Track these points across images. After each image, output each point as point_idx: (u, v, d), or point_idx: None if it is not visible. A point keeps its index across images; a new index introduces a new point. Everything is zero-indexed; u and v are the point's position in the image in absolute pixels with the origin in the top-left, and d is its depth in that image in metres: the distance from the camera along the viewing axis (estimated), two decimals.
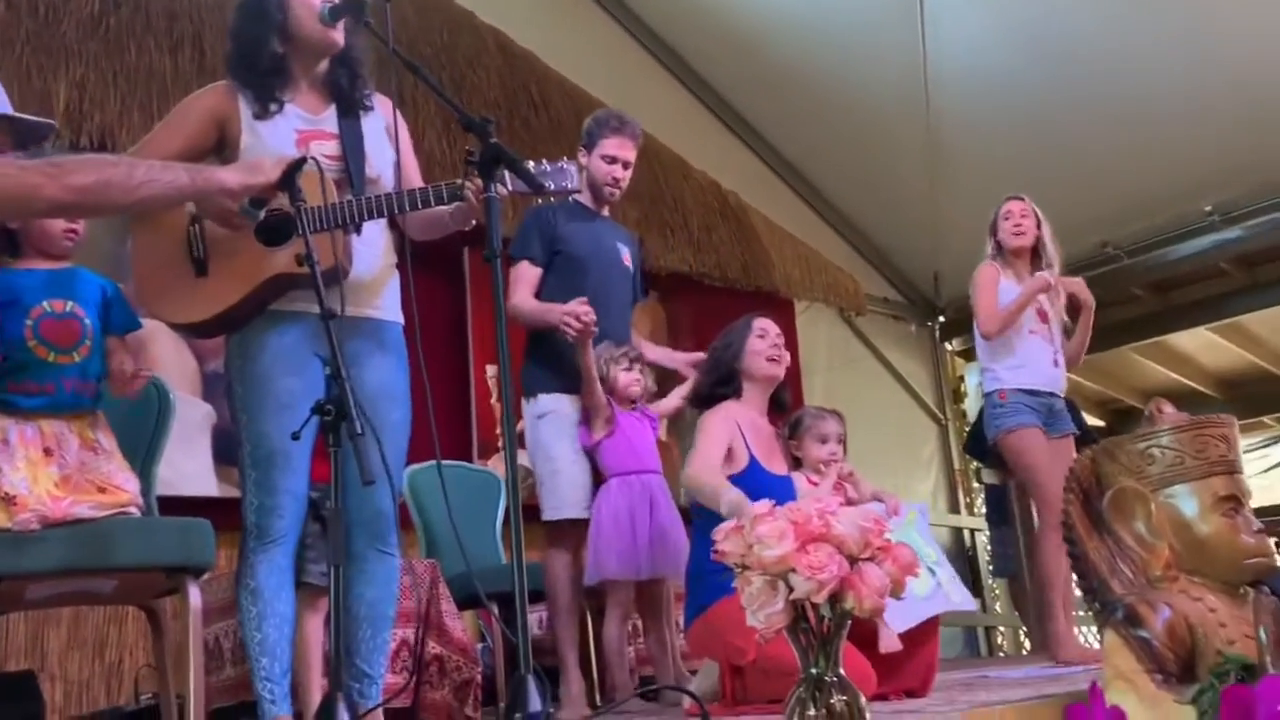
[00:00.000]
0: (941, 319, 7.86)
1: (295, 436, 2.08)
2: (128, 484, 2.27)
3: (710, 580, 2.65)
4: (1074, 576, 1.87)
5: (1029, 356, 3.98)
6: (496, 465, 4.99)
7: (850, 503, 2.89)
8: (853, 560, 1.79)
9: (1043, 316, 4.04)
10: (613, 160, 3.39)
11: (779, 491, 2.73)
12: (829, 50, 6.09)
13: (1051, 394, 4.02)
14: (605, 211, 3.50)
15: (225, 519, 2.50)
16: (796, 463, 3.08)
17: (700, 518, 2.83)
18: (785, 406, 3.11)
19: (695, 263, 6.03)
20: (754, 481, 2.77)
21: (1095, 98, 5.79)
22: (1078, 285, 4.13)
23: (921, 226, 6.82)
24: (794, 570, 1.75)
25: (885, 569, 1.82)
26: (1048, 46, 5.64)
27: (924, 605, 2.67)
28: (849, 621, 1.84)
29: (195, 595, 2.24)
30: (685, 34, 6.61)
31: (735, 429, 2.85)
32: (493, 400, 5.24)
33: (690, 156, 6.41)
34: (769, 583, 1.80)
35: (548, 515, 3.26)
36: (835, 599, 1.77)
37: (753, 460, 2.84)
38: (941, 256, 7.18)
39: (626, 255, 3.48)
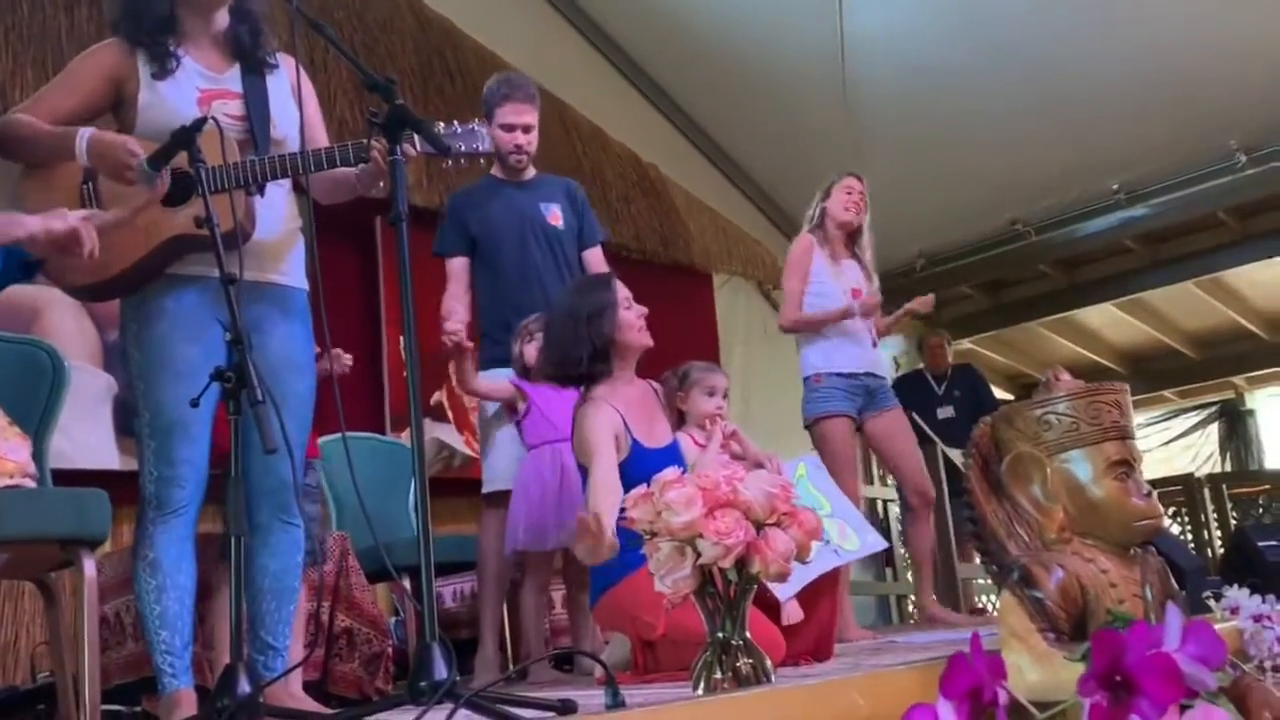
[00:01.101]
0: None
1: (194, 404, 2.02)
2: (13, 454, 2.18)
3: (615, 559, 2.65)
4: (975, 540, 1.91)
5: (844, 339, 4.02)
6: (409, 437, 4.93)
7: (736, 460, 2.90)
8: (759, 525, 1.82)
9: (855, 295, 4.04)
10: (511, 128, 3.33)
11: (665, 464, 2.66)
12: (748, 22, 6.09)
13: (870, 374, 4.06)
14: (529, 174, 3.44)
15: (128, 492, 2.42)
16: (680, 417, 3.03)
17: None
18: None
19: (614, 235, 6.00)
20: (639, 465, 2.68)
21: (1009, 76, 5.90)
22: (925, 303, 4.23)
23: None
24: (701, 536, 1.77)
25: (791, 534, 1.84)
26: (964, 23, 5.71)
27: (810, 567, 2.60)
28: (755, 586, 1.86)
29: (90, 568, 2.17)
30: (606, 4, 6.55)
31: (616, 417, 2.72)
32: (405, 372, 5.16)
33: (609, 128, 6.37)
34: (677, 548, 1.81)
35: (485, 487, 3.32)
36: (742, 564, 1.79)
37: (635, 444, 2.75)
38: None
39: (554, 213, 3.40)
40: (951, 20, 5.72)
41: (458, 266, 3.33)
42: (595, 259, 3.48)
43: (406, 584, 3.50)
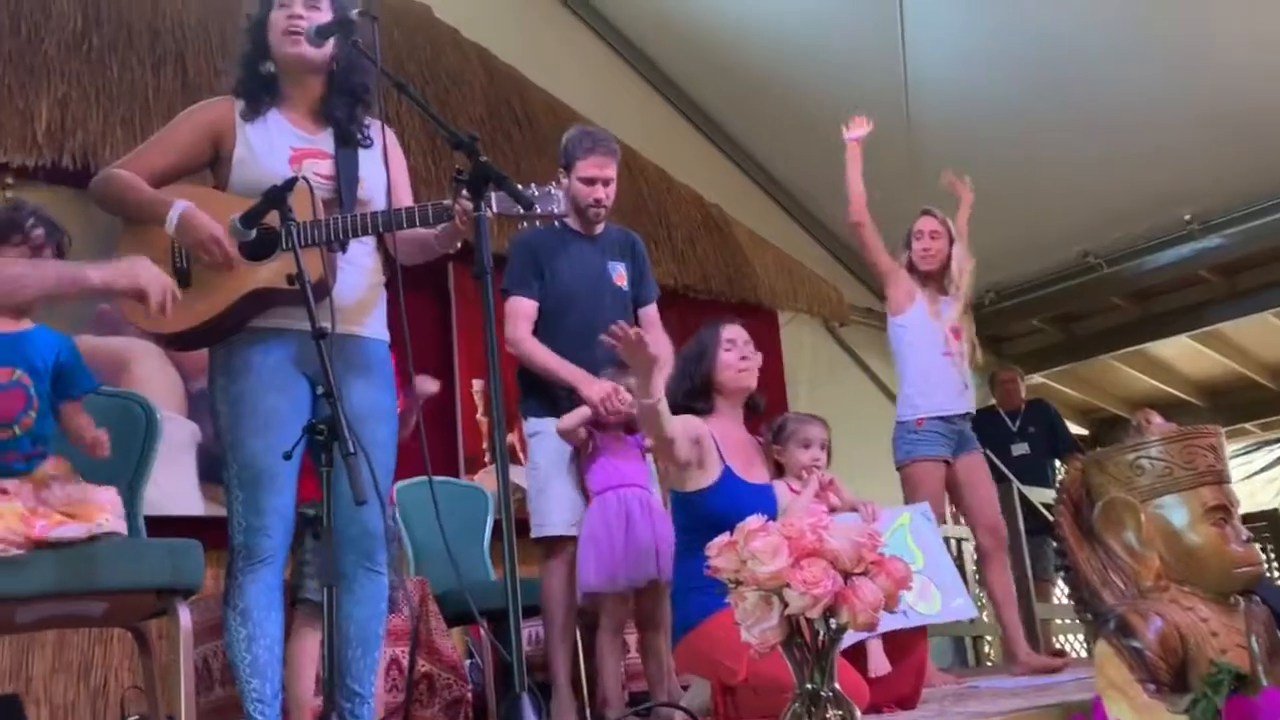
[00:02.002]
0: None
1: (287, 456, 2.07)
2: (100, 496, 2.23)
3: (695, 598, 2.64)
4: (1065, 587, 1.88)
5: (945, 380, 3.99)
6: (483, 480, 4.98)
7: (832, 510, 2.90)
8: (847, 575, 1.81)
9: (955, 334, 4.02)
10: (591, 181, 3.31)
11: (758, 500, 2.72)
12: (810, 62, 6.12)
13: (965, 415, 4.04)
14: (599, 229, 3.44)
15: (211, 538, 2.47)
16: (779, 469, 3.07)
17: (680, 535, 2.82)
18: (760, 409, 3.06)
19: (679, 276, 6.05)
20: (730, 492, 2.75)
21: (1076, 107, 5.84)
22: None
23: (901, 238, 6.84)
24: (788, 586, 1.76)
25: (879, 583, 1.83)
26: (1028, 57, 5.69)
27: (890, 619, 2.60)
28: (844, 636, 1.85)
29: (185, 617, 2.22)
30: (668, 48, 6.64)
31: (706, 434, 2.81)
32: (478, 415, 5.23)
33: (673, 170, 6.43)
34: (763, 598, 1.81)
35: (535, 532, 3.27)
36: (830, 614, 1.78)
37: (726, 469, 2.80)
38: None
39: (619, 273, 3.41)
40: (1014, 57, 5.70)
41: (528, 308, 3.28)
42: (650, 316, 3.47)
43: (486, 627, 3.53)
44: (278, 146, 2.39)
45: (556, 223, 3.29)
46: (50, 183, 4.00)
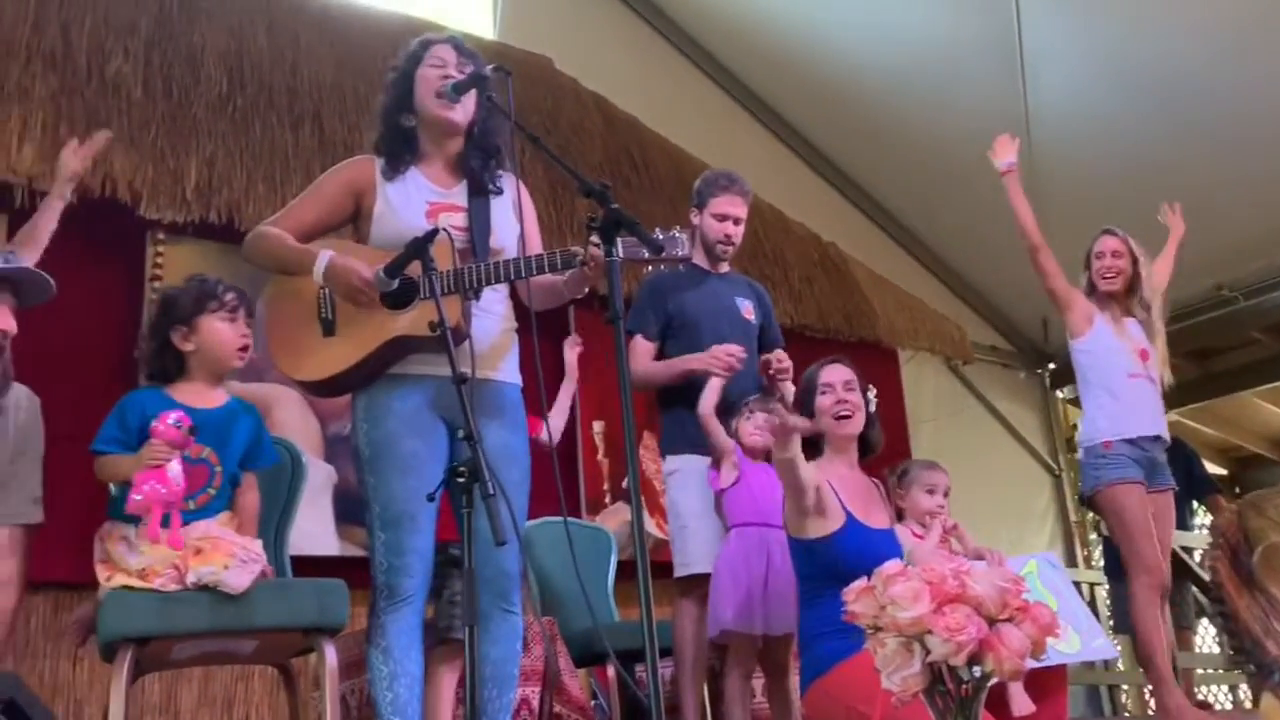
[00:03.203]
0: (1052, 366, 7.68)
1: (431, 498, 2.13)
2: (251, 545, 2.33)
3: (825, 644, 2.61)
4: (1224, 636, 1.80)
5: (1136, 401, 3.80)
6: (605, 520, 5.02)
7: (955, 555, 2.83)
8: (991, 621, 1.77)
9: (1144, 356, 3.85)
10: (724, 218, 3.41)
11: (882, 546, 2.70)
12: (925, 97, 6.08)
13: (1158, 439, 3.83)
14: (724, 268, 3.50)
15: (347, 577, 2.55)
16: (898, 513, 3.02)
17: (802, 583, 2.79)
18: (875, 449, 2.99)
19: (796, 315, 6.02)
20: (854, 538, 2.71)
21: (1203, 134, 5.65)
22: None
23: (1027, 271, 6.68)
24: (930, 632, 1.73)
25: (1025, 630, 1.79)
26: (1151, 84, 5.53)
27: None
28: (989, 684, 1.81)
29: (332, 655, 2.29)
30: (782, 90, 6.67)
31: (822, 481, 2.77)
32: (599, 456, 5.28)
33: (788, 209, 6.43)
34: (904, 644, 1.78)
35: (677, 572, 3.28)
36: (974, 661, 1.75)
37: (849, 516, 2.76)
38: (1049, 302, 7.01)
39: (747, 308, 3.46)
40: (1137, 86, 5.55)
41: (646, 348, 3.34)
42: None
43: (610, 671, 3.55)
44: (415, 201, 2.48)
45: (683, 264, 3.34)
46: (198, 237, 4.22)
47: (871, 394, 2.95)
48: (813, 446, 2.87)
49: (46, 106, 3.95)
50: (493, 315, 2.53)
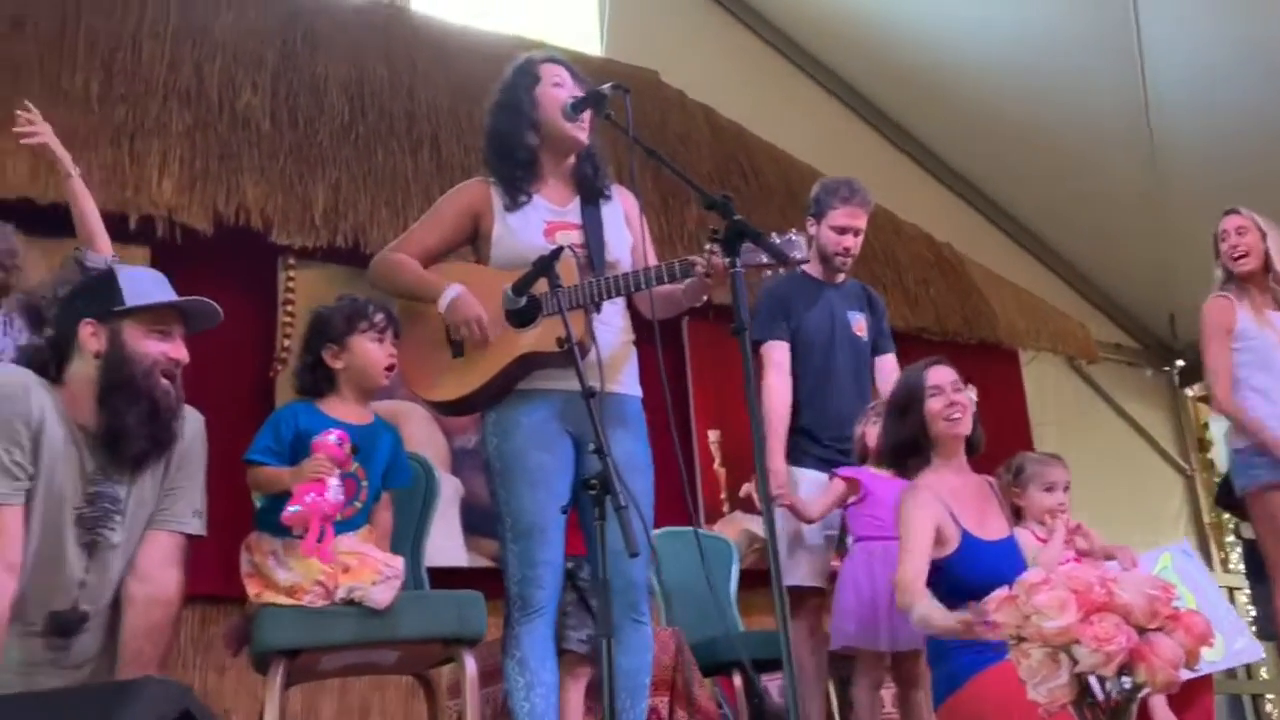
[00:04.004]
0: (1180, 363, 7.40)
1: (564, 511, 2.17)
2: (393, 561, 2.40)
3: (959, 656, 2.56)
4: None
5: None
6: (723, 529, 5.02)
7: (1082, 556, 2.74)
8: (1140, 630, 1.72)
9: None
10: (843, 230, 3.36)
11: (1002, 558, 2.64)
12: (1039, 91, 5.94)
13: None
14: (839, 279, 3.46)
15: (476, 588, 2.57)
16: (1017, 513, 2.93)
17: (932, 593, 2.73)
18: (977, 447, 2.88)
19: (911, 318, 5.93)
20: (973, 557, 2.64)
21: None
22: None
23: (1151, 266, 6.48)
24: (1078, 642, 1.69)
25: (1177, 639, 1.73)
26: (1274, 70, 5.29)
27: None
28: (1138, 696, 1.76)
29: (472, 665, 2.35)
30: (889, 90, 6.60)
31: (939, 508, 2.68)
32: (715, 465, 5.29)
33: (899, 210, 6.34)
34: (1049, 655, 1.74)
35: (787, 581, 3.25)
36: (1124, 671, 1.70)
37: (965, 536, 2.68)
38: (1176, 296, 6.79)
39: (859, 323, 3.43)
40: (1261, 67, 5.31)
41: (780, 354, 3.30)
42: (889, 366, 3.47)
43: (737, 680, 3.55)
44: (533, 222, 2.52)
45: (799, 270, 3.32)
46: (325, 261, 4.38)
47: (971, 392, 2.87)
48: (917, 453, 2.81)
49: (183, 142, 4.16)
50: (612, 328, 2.55)
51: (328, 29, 4.80)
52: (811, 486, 3.24)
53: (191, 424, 2.14)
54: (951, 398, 2.77)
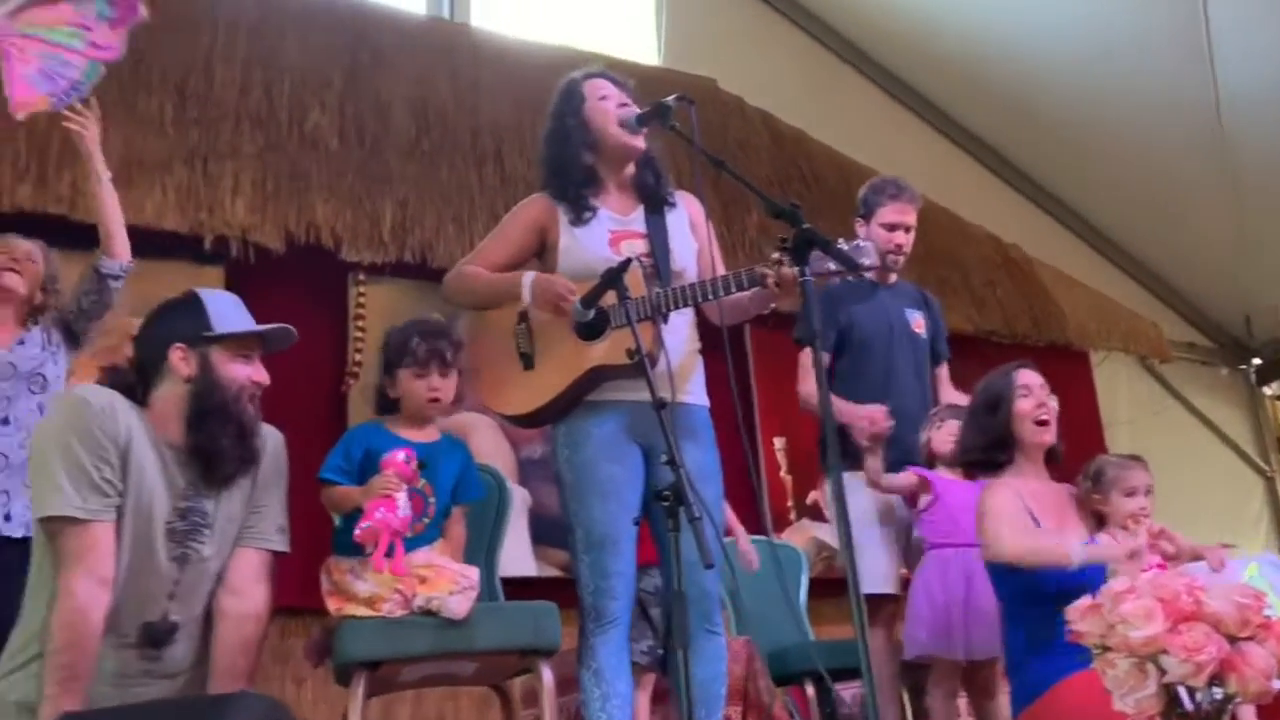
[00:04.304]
0: (1257, 361, 7.22)
1: (637, 522, 2.17)
2: (469, 572, 2.43)
3: (1037, 665, 2.52)
4: None
5: None
6: (790, 537, 5.00)
7: (1168, 560, 2.68)
8: (1231, 639, 1.69)
9: None
10: (893, 227, 3.34)
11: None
12: (1106, 89, 5.85)
13: None
14: (892, 279, 3.44)
15: (544, 597, 2.59)
16: (1098, 519, 2.86)
17: (1008, 601, 2.69)
18: (1059, 457, 2.85)
19: (979, 321, 5.86)
20: None
21: None
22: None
23: (1225, 263, 6.34)
24: (1166, 651, 1.67)
25: (1269, 648, 1.69)
26: None
27: None
28: (1231, 707, 1.72)
29: (549, 676, 2.37)
30: (951, 91, 6.54)
31: (1021, 505, 2.65)
32: (781, 473, 5.27)
33: (965, 212, 6.28)
34: (1136, 665, 1.72)
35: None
36: (1215, 682, 1.67)
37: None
38: (1251, 294, 6.64)
39: (918, 320, 3.40)
40: None
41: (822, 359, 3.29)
42: (943, 374, 3.45)
43: (809, 689, 3.53)
44: (597, 233, 2.54)
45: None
46: (394, 276, 4.46)
47: (1053, 401, 2.84)
48: (999, 455, 2.77)
49: (254, 163, 4.26)
50: (679, 337, 2.55)
51: (392, 48, 4.88)
52: (855, 494, 3.19)
53: (272, 442, 2.19)
54: (1040, 399, 2.76)
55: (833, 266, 2.25)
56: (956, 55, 6.22)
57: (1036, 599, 2.52)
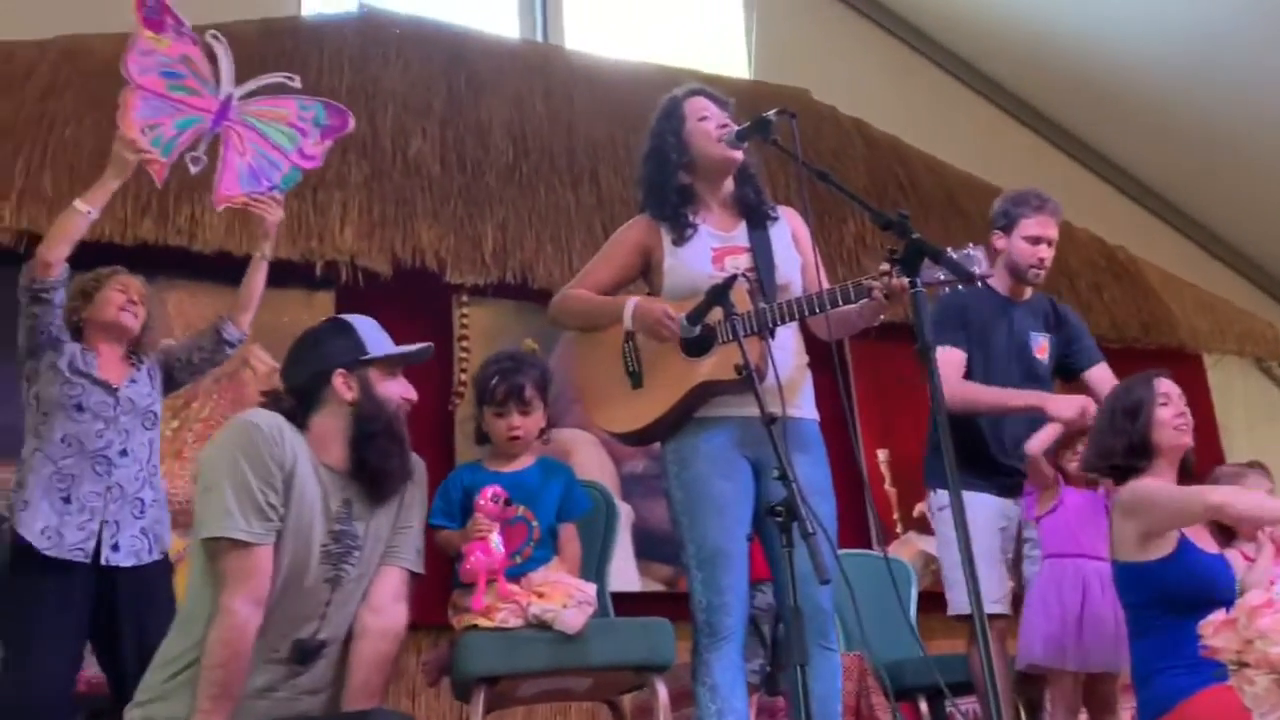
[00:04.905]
0: None
1: (750, 538, 2.17)
2: (586, 587, 2.46)
3: (1165, 679, 2.44)
4: None
5: None
6: (897, 551, 4.94)
7: None
8: None
9: None
10: (1036, 240, 3.20)
11: (1217, 570, 2.53)
12: (1211, 83, 5.68)
13: None
14: (1027, 294, 3.32)
15: (651, 612, 2.62)
16: (1223, 531, 2.78)
17: (1135, 610, 2.62)
18: (1190, 470, 2.79)
19: (1087, 326, 5.70)
20: (1189, 562, 2.52)
21: None
22: None
23: None
24: None
25: None
26: None
27: None
28: None
29: (663, 692, 2.38)
30: (1050, 92, 6.42)
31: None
32: (886, 485, 5.21)
33: (1067, 215, 6.05)
34: (1277, 682, 1.66)
35: (953, 609, 3.15)
36: None
37: (1182, 540, 2.57)
38: None
39: (1041, 346, 3.28)
40: None
41: (956, 356, 3.16)
42: (1099, 376, 3.30)
43: (924, 705, 3.47)
44: (701, 250, 2.55)
45: (981, 284, 3.23)
46: (495, 297, 4.55)
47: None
48: (1135, 460, 2.71)
49: (361, 191, 4.40)
50: (786, 351, 2.55)
51: (489, 73, 4.99)
52: (985, 510, 3.13)
53: (418, 466, 2.26)
54: (1179, 407, 2.73)
55: (943, 276, 2.22)
56: (1052, 53, 6.10)
57: (1165, 607, 2.47)
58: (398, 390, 2.18)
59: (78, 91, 4.26)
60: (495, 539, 2.35)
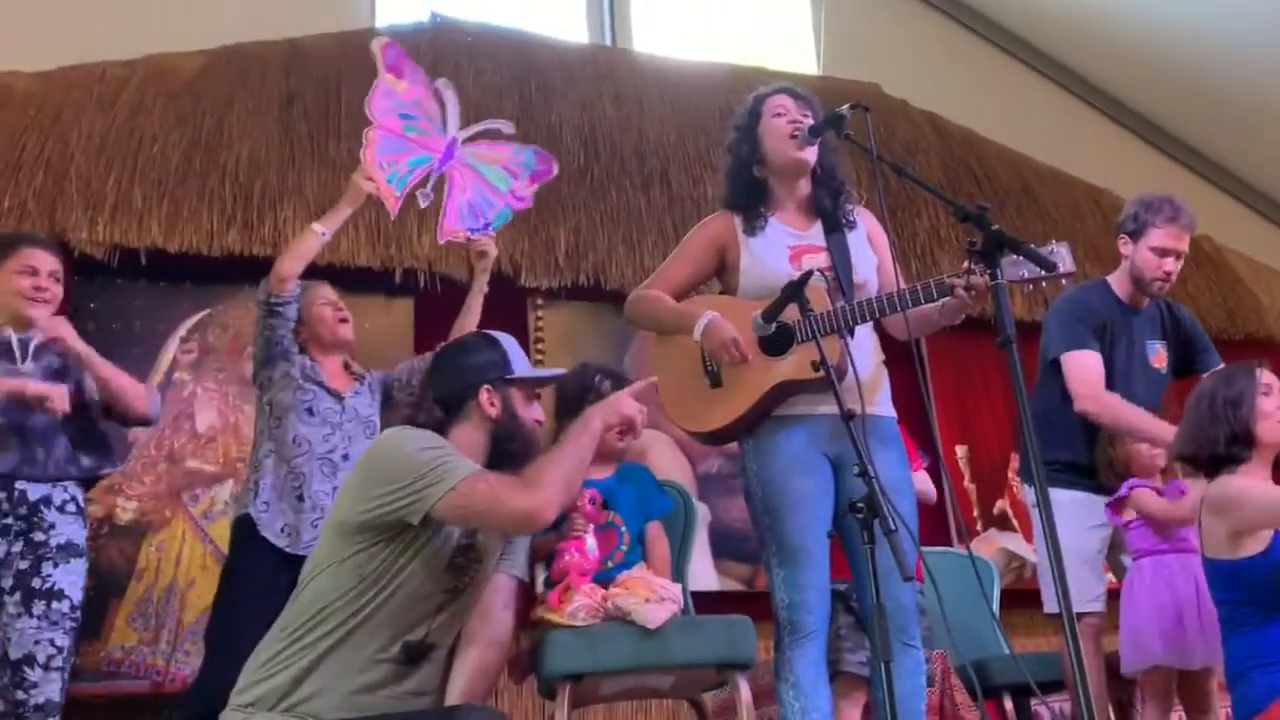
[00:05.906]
0: None
1: (831, 535, 2.16)
2: (670, 585, 2.48)
3: (1258, 677, 2.40)
4: None
5: None
6: (978, 548, 4.87)
7: None
8: None
9: None
10: (1165, 252, 3.12)
11: None
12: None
13: None
14: (1145, 304, 3.24)
15: (726, 611, 2.65)
16: None
17: (1224, 608, 2.56)
18: None
19: None
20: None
21: None
22: None
23: None
24: None
25: None
26: None
27: None
28: None
29: (746, 690, 2.39)
30: (1126, 79, 6.28)
31: None
32: (965, 482, 5.14)
33: None
34: None
35: (1048, 607, 3.09)
36: None
37: (1276, 536, 2.49)
38: None
39: (1158, 355, 3.23)
40: None
41: (1095, 362, 3.09)
42: None
43: (1008, 704, 3.43)
44: (777, 248, 2.55)
45: (1102, 287, 3.16)
46: (569, 300, 4.59)
47: None
48: (1232, 450, 2.63)
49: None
50: (863, 349, 2.53)
51: (559, 78, 5.03)
52: (1084, 507, 3.08)
53: None
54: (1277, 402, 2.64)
55: (1026, 273, 2.19)
56: (1126, 38, 5.97)
57: (1260, 604, 2.42)
58: (535, 414, 2.17)
59: (164, 109, 4.40)
60: (590, 541, 2.39)
